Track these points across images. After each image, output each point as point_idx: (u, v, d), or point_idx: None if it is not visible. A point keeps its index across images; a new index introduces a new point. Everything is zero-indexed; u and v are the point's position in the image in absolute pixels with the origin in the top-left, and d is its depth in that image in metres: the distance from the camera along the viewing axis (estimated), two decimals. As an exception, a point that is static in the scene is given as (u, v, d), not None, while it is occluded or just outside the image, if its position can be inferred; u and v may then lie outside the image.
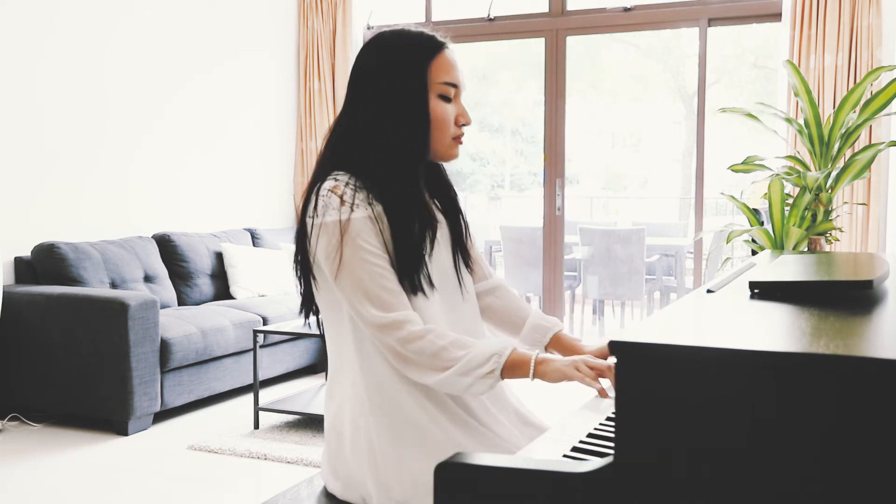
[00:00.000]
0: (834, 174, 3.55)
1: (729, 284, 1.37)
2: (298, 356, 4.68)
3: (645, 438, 0.89)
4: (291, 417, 3.88)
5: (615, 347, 0.90)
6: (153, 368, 3.68)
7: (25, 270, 4.05)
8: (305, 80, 5.81)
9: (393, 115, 1.47)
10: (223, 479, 3.13)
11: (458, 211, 1.64)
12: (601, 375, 1.40)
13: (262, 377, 4.31)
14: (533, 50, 9.91)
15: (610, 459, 0.93)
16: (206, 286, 4.74)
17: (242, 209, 5.51)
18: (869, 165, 3.50)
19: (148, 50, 4.77)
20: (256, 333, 3.77)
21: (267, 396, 4.27)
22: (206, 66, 5.17)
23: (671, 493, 0.88)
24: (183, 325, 3.91)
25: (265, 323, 4.36)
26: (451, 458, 1.04)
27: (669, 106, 12.05)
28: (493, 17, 5.53)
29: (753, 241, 3.66)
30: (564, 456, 1.14)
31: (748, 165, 3.66)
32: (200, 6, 5.12)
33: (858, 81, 3.63)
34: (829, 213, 3.55)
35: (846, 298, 1.19)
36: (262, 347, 4.30)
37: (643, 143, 12.74)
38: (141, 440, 3.58)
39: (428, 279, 1.49)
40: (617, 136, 12.90)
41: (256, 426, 3.74)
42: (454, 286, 1.58)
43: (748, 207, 3.74)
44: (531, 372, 1.40)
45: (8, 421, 3.81)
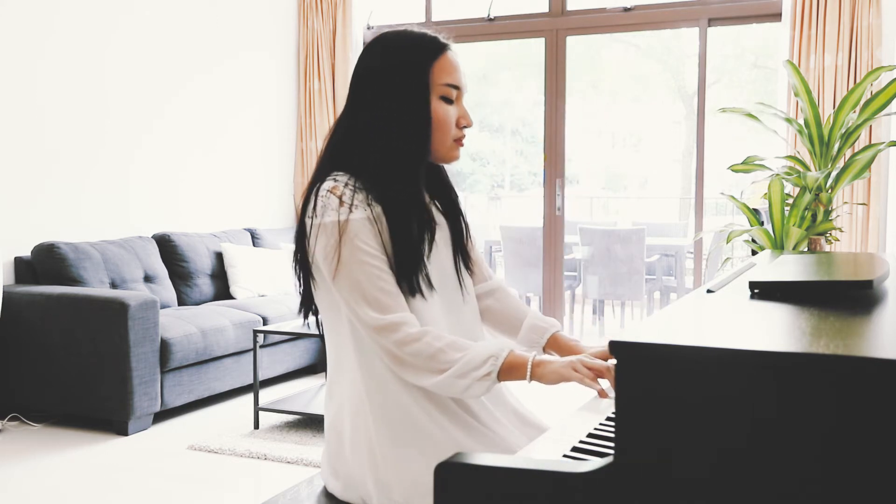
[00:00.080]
0: (834, 174, 3.55)
1: (729, 284, 1.37)
2: (298, 356, 4.68)
3: (645, 438, 0.89)
4: (291, 417, 3.88)
5: (615, 347, 0.90)
6: (153, 368, 3.68)
7: (25, 270, 4.05)
8: (305, 80, 5.81)
9: (394, 115, 1.47)
10: (223, 479, 3.13)
11: (458, 212, 1.64)
12: (600, 376, 1.40)
13: (262, 377, 4.31)
14: (533, 50, 9.91)
15: (610, 459, 0.93)
16: (206, 286, 4.74)
17: (242, 209, 5.51)
18: (869, 165, 3.50)
19: (148, 50, 4.77)
20: (256, 333, 3.77)
21: (267, 396, 4.27)
22: (206, 66, 5.17)
23: (671, 493, 0.88)
24: (183, 325, 3.91)
25: (265, 323, 4.36)
26: (451, 458, 1.04)
27: (669, 106, 12.05)
28: (493, 17, 5.53)
29: (753, 241, 3.66)
30: (564, 456, 1.14)
31: (748, 165, 3.66)
32: (200, 6, 5.12)
33: (858, 81, 3.63)
34: (829, 213, 3.55)
35: (846, 298, 1.19)
36: (262, 347, 4.31)
37: (643, 143, 12.74)
38: (141, 440, 3.58)
39: (427, 281, 1.49)
40: (617, 136, 12.90)
41: (256, 426, 3.74)
42: (454, 288, 1.58)
43: (748, 207, 3.74)
44: (528, 374, 1.39)
45: (8, 421, 3.81)
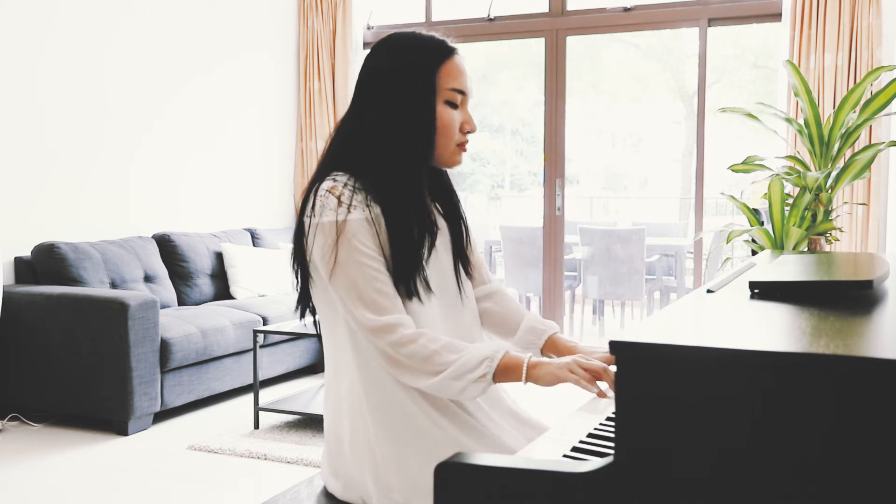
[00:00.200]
0: (834, 174, 3.55)
1: (729, 284, 1.37)
2: (298, 356, 4.68)
3: (645, 439, 0.89)
4: (291, 417, 3.88)
5: (615, 347, 0.90)
6: (153, 368, 3.68)
7: (25, 270, 4.05)
8: (305, 80, 5.81)
9: (399, 117, 1.47)
10: (223, 479, 3.13)
11: (459, 216, 1.64)
12: (597, 377, 1.40)
13: (262, 377, 4.31)
14: (533, 50, 9.91)
15: (610, 459, 0.93)
16: (206, 286, 4.74)
17: (242, 209, 5.51)
18: (869, 165, 3.50)
19: (148, 50, 4.77)
20: (256, 333, 3.77)
21: (267, 396, 4.27)
22: (206, 66, 5.17)
23: (671, 493, 0.88)
24: (183, 325, 3.91)
25: (265, 323, 4.36)
26: (451, 458, 1.04)
27: (669, 106, 12.05)
28: (493, 17, 5.53)
29: (753, 241, 3.66)
30: (564, 456, 1.14)
31: (748, 165, 3.66)
32: (200, 6, 5.12)
33: (858, 81, 3.63)
34: (829, 213, 3.55)
35: (846, 298, 1.19)
36: (262, 347, 4.31)
37: (643, 143, 12.74)
38: (141, 440, 3.58)
39: (425, 284, 1.49)
40: (617, 136, 12.90)
41: (256, 426, 3.74)
42: (454, 291, 1.58)
43: (748, 207, 3.74)
44: (524, 375, 1.39)
45: (8, 421, 3.81)
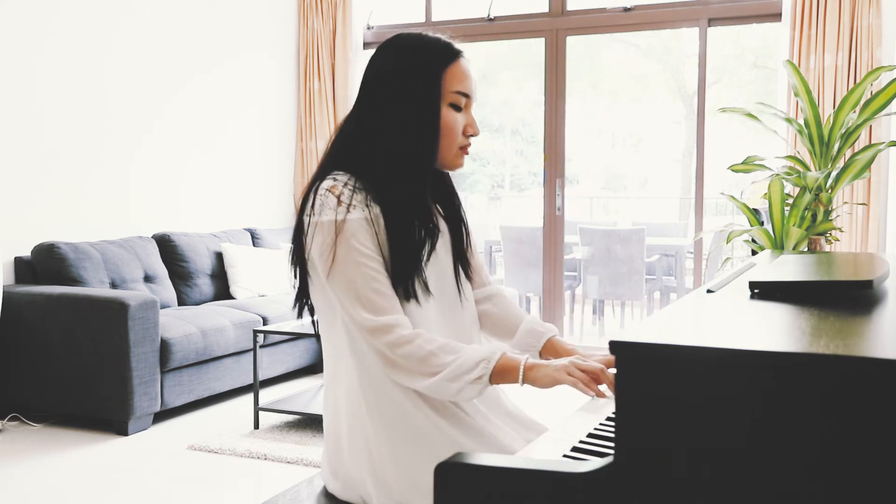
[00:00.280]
0: (834, 174, 3.55)
1: (729, 284, 1.37)
2: (298, 356, 4.68)
3: (645, 438, 0.89)
4: (291, 417, 3.88)
5: (615, 347, 0.90)
6: (153, 368, 3.68)
7: (25, 270, 4.05)
8: (305, 80, 5.81)
9: (404, 118, 1.47)
10: (223, 479, 3.13)
11: (460, 219, 1.63)
12: (595, 378, 1.40)
13: (262, 377, 4.31)
14: (533, 50, 9.91)
15: (610, 459, 0.93)
16: (206, 286, 4.74)
17: (242, 209, 5.51)
18: (869, 165, 3.50)
19: (148, 50, 4.77)
20: (256, 333, 3.77)
21: (267, 396, 4.27)
22: (206, 66, 5.17)
23: (671, 493, 0.88)
24: (183, 325, 3.91)
25: (265, 323, 4.36)
26: (451, 457, 1.04)
27: (669, 106, 12.05)
28: (493, 17, 5.53)
29: (753, 241, 3.66)
30: (564, 456, 1.14)
31: (748, 165, 3.66)
32: (200, 6, 5.12)
33: (858, 81, 3.63)
34: (829, 213, 3.55)
35: (846, 298, 1.19)
36: (262, 347, 4.31)
37: (643, 143, 12.74)
38: (141, 440, 3.58)
39: (423, 286, 1.49)
40: (617, 136, 12.90)
41: (256, 426, 3.74)
42: (453, 294, 1.58)
43: (748, 207, 3.74)
44: (520, 377, 1.39)
45: (8, 421, 3.81)
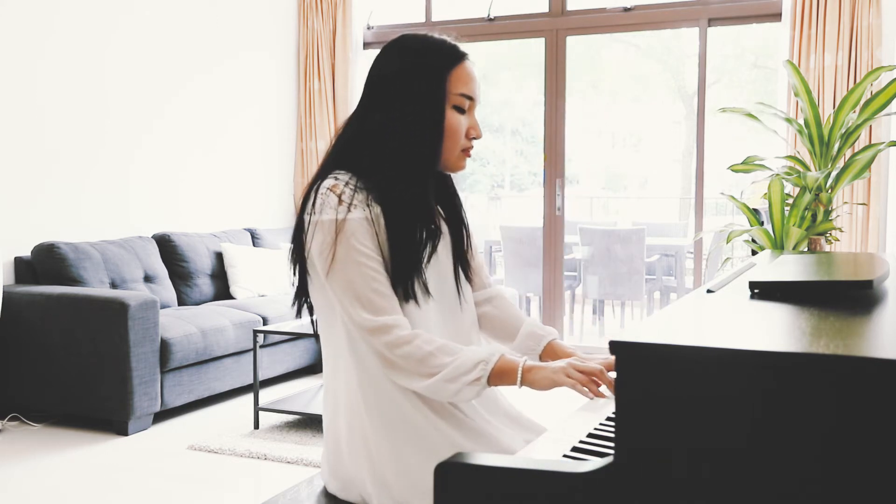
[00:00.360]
0: (834, 174, 3.55)
1: (729, 284, 1.37)
2: (298, 356, 4.68)
3: (645, 438, 0.89)
4: (291, 417, 3.88)
5: (615, 347, 0.90)
6: (153, 368, 3.68)
7: (25, 270, 4.05)
8: (305, 80, 5.81)
9: (408, 119, 1.47)
10: (223, 479, 3.13)
11: (461, 221, 1.63)
12: (594, 380, 1.40)
13: (262, 377, 4.31)
14: (533, 50, 9.90)
15: (610, 459, 0.93)
16: (206, 286, 4.74)
17: (242, 209, 5.51)
18: (869, 165, 3.50)
19: (148, 50, 4.77)
20: (256, 333, 3.77)
21: (267, 396, 4.27)
22: (206, 66, 5.17)
23: (671, 493, 0.88)
24: (183, 325, 3.91)
25: (265, 323, 4.36)
26: (451, 458, 1.04)
27: (669, 106, 12.05)
28: (493, 17, 5.53)
29: (753, 241, 3.66)
30: (564, 456, 1.14)
31: (748, 165, 3.66)
32: (200, 6, 5.12)
33: (858, 81, 3.63)
34: (829, 213, 3.56)
35: (846, 298, 1.19)
36: (262, 347, 4.31)
37: (643, 143, 12.74)
38: (141, 440, 3.58)
39: (423, 288, 1.49)
40: (617, 136, 12.90)
41: (256, 426, 3.74)
42: (452, 295, 1.58)
43: (748, 207, 3.74)
44: (519, 379, 1.39)
45: (8, 421, 3.81)
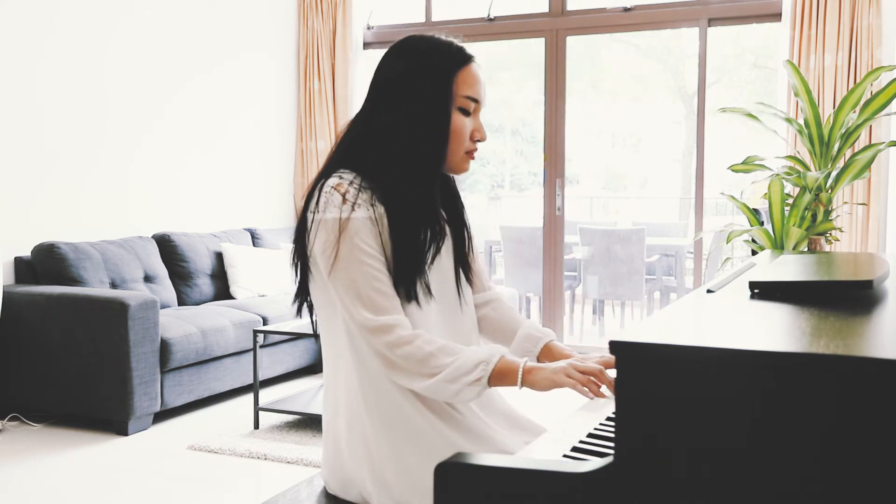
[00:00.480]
0: (834, 174, 3.55)
1: (729, 284, 1.37)
2: (298, 356, 4.68)
3: (645, 438, 0.89)
4: (291, 417, 3.88)
5: (615, 347, 0.90)
6: (153, 368, 3.68)
7: (25, 270, 4.05)
8: (305, 80, 5.81)
9: (414, 120, 1.47)
10: (223, 479, 3.13)
11: (463, 223, 1.64)
12: (595, 380, 1.40)
13: (262, 377, 4.31)
14: (533, 50, 9.90)
15: (610, 459, 0.93)
16: (206, 286, 4.74)
17: (242, 209, 5.51)
18: (869, 165, 3.50)
19: (148, 50, 4.77)
20: (256, 333, 3.77)
21: (267, 396, 4.27)
22: (206, 66, 5.17)
23: (671, 493, 0.88)
24: (183, 325, 3.91)
25: (265, 323, 4.36)
26: (451, 458, 1.04)
27: (669, 106, 12.05)
28: (493, 17, 5.53)
29: (753, 241, 3.66)
30: (564, 456, 1.14)
31: (748, 165, 3.66)
32: (200, 6, 5.12)
33: (858, 81, 3.63)
34: (829, 213, 3.56)
35: (846, 298, 1.19)
36: (262, 347, 4.31)
37: (643, 143, 12.74)
38: (141, 440, 3.58)
39: (425, 289, 1.49)
40: (617, 136, 12.89)
41: (256, 426, 3.74)
42: (453, 297, 1.58)
43: (748, 207, 3.74)
44: (519, 380, 1.39)
45: (8, 421, 3.81)
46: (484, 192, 12.12)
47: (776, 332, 1.00)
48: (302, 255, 1.51)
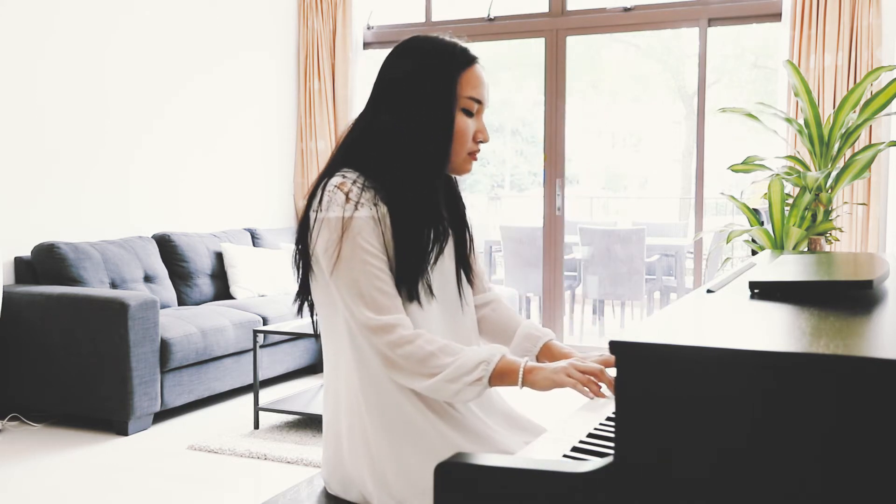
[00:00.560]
0: (834, 174, 3.55)
1: (729, 284, 1.37)
2: (298, 356, 4.68)
3: (645, 438, 0.89)
4: (291, 417, 3.88)
5: (615, 347, 0.90)
6: (153, 368, 3.68)
7: (25, 270, 4.05)
8: (305, 80, 5.81)
9: (417, 120, 1.47)
10: (223, 479, 3.13)
11: (465, 224, 1.64)
12: (595, 380, 1.40)
13: (262, 377, 4.31)
14: (533, 50, 9.90)
15: (610, 459, 0.93)
16: (206, 286, 4.74)
17: (242, 209, 5.51)
18: (869, 165, 3.50)
19: (148, 50, 4.77)
20: (256, 333, 3.77)
21: (267, 396, 4.27)
22: (206, 66, 5.17)
23: (671, 493, 0.88)
24: (183, 325, 3.91)
25: (265, 323, 4.36)
26: (451, 457, 1.04)
27: (669, 106, 12.05)
28: (493, 17, 5.53)
29: (753, 241, 3.66)
30: (564, 456, 1.14)
31: (748, 165, 3.66)
32: (200, 6, 5.12)
33: (858, 81, 3.63)
34: (829, 213, 3.56)
35: (846, 298, 1.19)
36: (262, 347, 4.31)
37: (643, 143, 12.74)
38: (141, 440, 3.58)
39: (427, 289, 1.49)
40: (617, 136, 12.90)
41: (256, 426, 3.74)
42: (454, 298, 1.58)
43: (748, 207, 3.74)
44: (520, 380, 1.40)
45: (8, 421, 3.81)
46: (484, 192, 12.12)
47: (776, 332, 1.00)
48: (304, 253, 1.51)
